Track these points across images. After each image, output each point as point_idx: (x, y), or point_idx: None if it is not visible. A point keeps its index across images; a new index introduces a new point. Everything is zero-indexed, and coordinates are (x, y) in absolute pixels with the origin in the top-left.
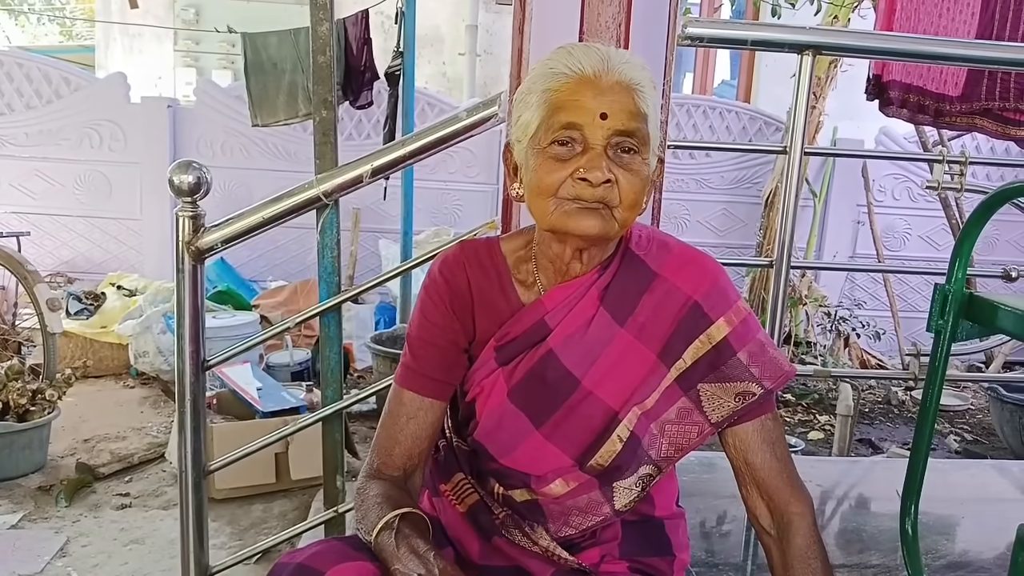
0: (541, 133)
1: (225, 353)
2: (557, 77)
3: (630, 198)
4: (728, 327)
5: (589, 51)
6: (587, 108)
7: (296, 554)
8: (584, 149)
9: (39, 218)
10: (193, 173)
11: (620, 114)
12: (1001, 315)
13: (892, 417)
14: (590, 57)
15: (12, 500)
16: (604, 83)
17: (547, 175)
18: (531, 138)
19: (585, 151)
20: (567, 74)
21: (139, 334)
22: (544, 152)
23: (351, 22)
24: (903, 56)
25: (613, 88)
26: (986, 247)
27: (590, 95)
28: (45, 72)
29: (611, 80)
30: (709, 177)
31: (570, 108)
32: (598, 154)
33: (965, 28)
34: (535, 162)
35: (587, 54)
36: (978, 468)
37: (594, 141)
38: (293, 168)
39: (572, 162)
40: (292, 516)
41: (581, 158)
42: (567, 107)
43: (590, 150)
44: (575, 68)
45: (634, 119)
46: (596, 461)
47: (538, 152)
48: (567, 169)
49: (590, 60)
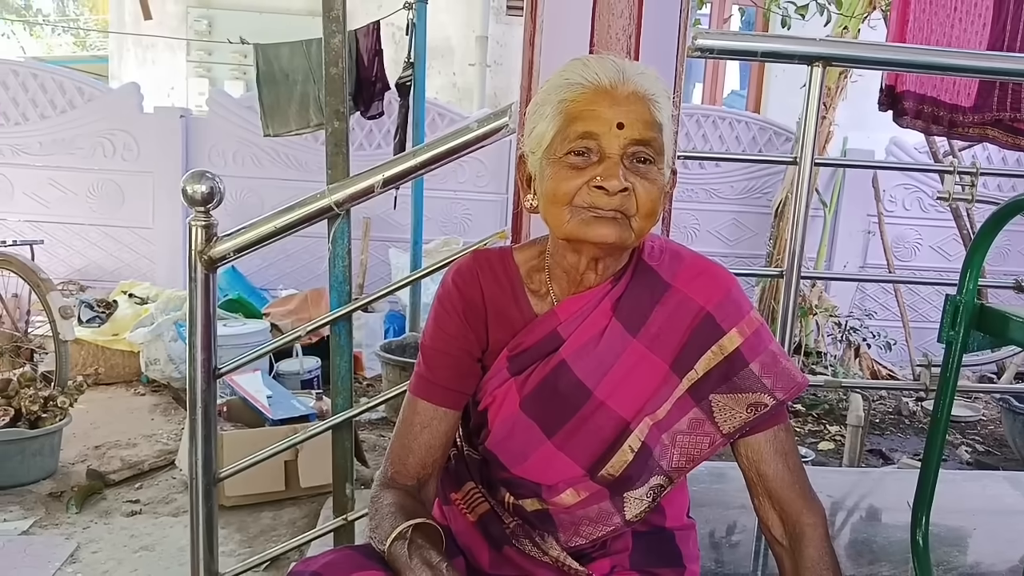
0: (557, 143)
1: (236, 361)
2: (573, 88)
3: (647, 206)
4: (741, 338)
5: (604, 62)
6: (603, 118)
7: (310, 562)
8: (600, 158)
9: (52, 226)
10: (206, 183)
11: (636, 124)
12: (1012, 326)
13: (903, 428)
14: (605, 68)
15: (23, 506)
16: (620, 93)
17: (563, 183)
18: (546, 149)
19: (601, 160)
20: (583, 85)
21: (150, 342)
22: (560, 162)
23: (362, 33)
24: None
25: (629, 98)
26: (997, 258)
27: (606, 105)
28: (59, 82)
29: (627, 90)
30: (719, 187)
31: (586, 118)
32: (615, 163)
33: (977, 39)
34: (551, 171)
35: (602, 65)
36: (990, 479)
37: (610, 150)
38: (304, 178)
39: (588, 171)
40: (301, 524)
41: (598, 167)
42: (583, 117)
43: (607, 159)
44: (591, 79)
45: (650, 129)
46: (607, 471)
47: (554, 162)
48: (583, 177)
49: (605, 71)
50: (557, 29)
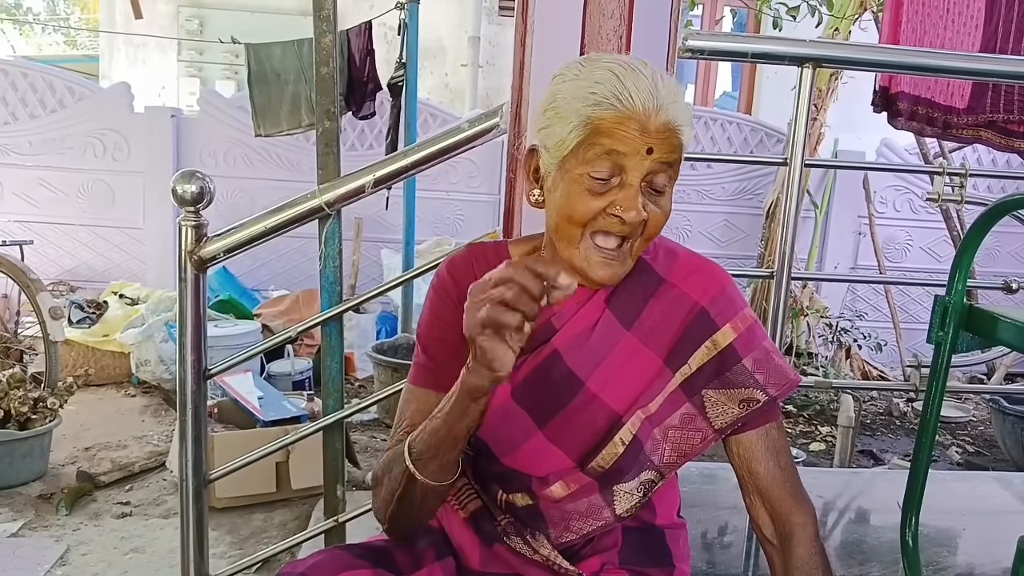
0: (579, 154)
1: (227, 362)
2: (602, 106)
3: (652, 232)
4: (734, 333)
5: (639, 80)
6: (632, 143)
7: (298, 564)
8: (621, 184)
9: (42, 227)
10: (196, 183)
11: (663, 152)
12: (1001, 327)
13: (893, 428)
14: (640, 90)
15: (13, 508)
16: (652, 124)
17: (581, 204)
18: (565, 156)
19: (622, 186)
20: (616, 107)
21: (141, 343)
22: (579, 180)
23: (354, 33)
24: (902, 69)
25: (659, 129)
26: (987, 259)
27: (636, 132)
28: (49, 81)
29: (659, 121)
30: (710, 188)
31: (615, 137)
32: (636, 191)
33: (969, 40)
34: (567, 187)
35: (637, 84)
36: (980, 480)
37: (632, 178)
38: (296, 178)
39: (607, 195)
40: (292, 526)
41: (618, 192)
42: (612, 135)
43: (627, 187)
44: (625, 103)
45: (674, 152)
46: (597, 463)
47: (572, 178)
48: (602, 202)
49: (640, 94)
50: (548, 30)
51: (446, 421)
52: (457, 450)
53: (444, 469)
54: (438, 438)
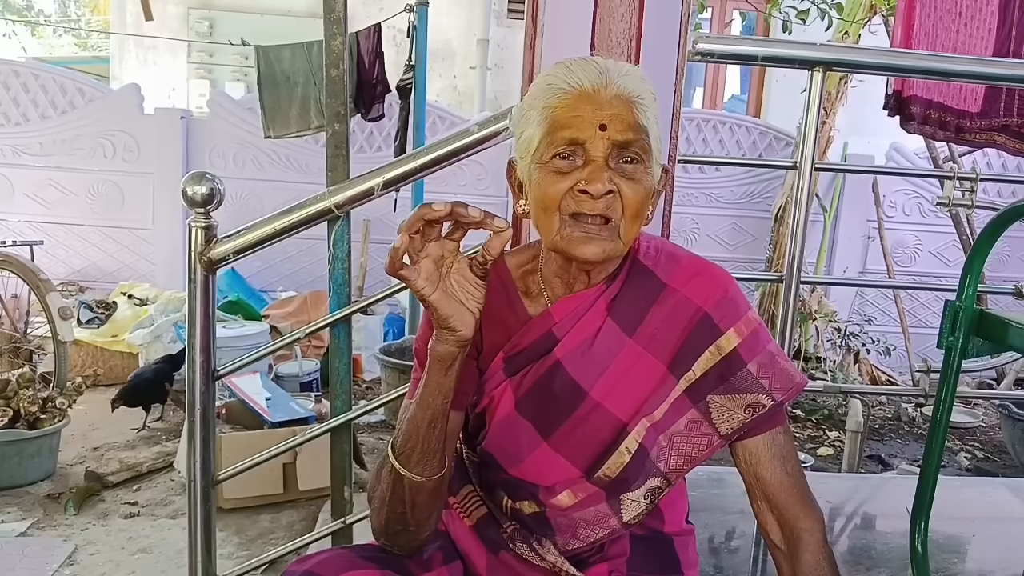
0: (543, 148)
1: (235, 363)
2: (556, 93)
3: (633, 208)
4: (738, 338)
5: (587, 65)
6: (587, 122)
7: (304, 561)
8: (585, 162)
9: (52, 227)
10: (206, 184)
11: (619, 126)
12: (1012, 332)
13: (902, 434)
14: (588, 72)
15: (21, 507)
16: (603, 97)
17: (549, 187)
18: (533, 154)
19: (586, 164)
20: (566, 90)
21: (150, 343)
22: (546, 166)
23: (364, 36)
24: (914, 73)
25: (612, 102)
26: (997, 264)
27: (589, 110)
28: (60, 83)
29: (609, 94)
30: (719, 191)
31: (571, 124)
32: (599, 166)
33: (982, 44)
34: (538, 176)
35: (585, 69)
36: (989, 486)
37: (595, 154)
38: (305, 180)
39: (573, 175)
40: (299, 527)
41: (582, 171)
42: (568, 124)
43: (591, 162)
44: (574, 83)
45: (633, 130)
46: (604, 473)
47: (541, 167)
48: (568, 181)
49: (588, 75)
50: (558, 32)
51: (421, 401)
52: (436, 435)
53: (426, 459)
54: (415, 423)
